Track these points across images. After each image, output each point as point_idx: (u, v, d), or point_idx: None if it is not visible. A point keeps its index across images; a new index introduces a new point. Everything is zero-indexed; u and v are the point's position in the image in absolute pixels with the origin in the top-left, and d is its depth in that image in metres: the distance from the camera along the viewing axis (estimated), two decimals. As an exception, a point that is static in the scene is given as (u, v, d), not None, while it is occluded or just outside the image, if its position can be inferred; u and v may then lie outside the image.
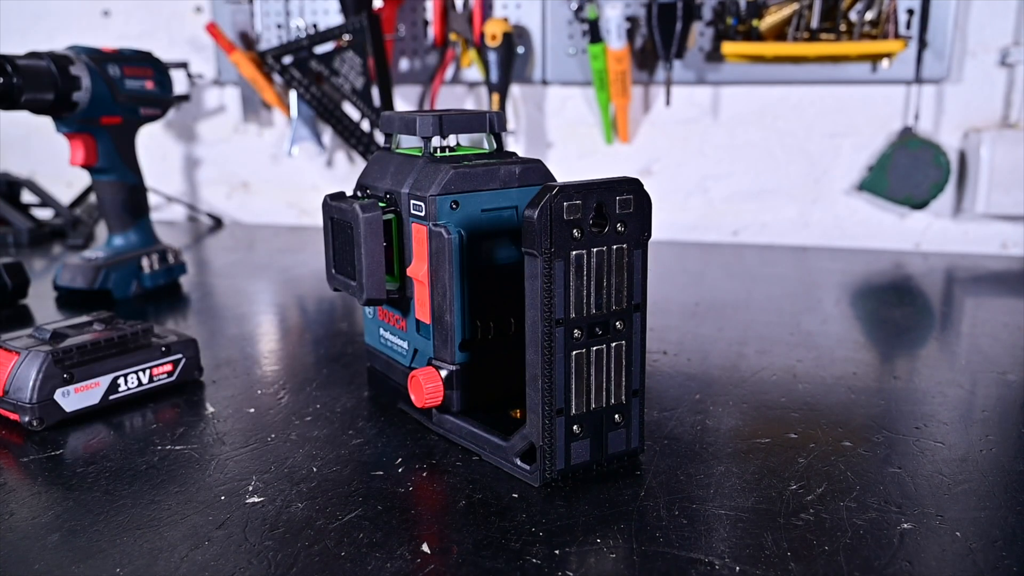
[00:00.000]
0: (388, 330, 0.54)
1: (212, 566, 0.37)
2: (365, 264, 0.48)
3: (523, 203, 0.49)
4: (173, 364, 0.59)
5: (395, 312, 0.53)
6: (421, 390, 0.48)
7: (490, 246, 0.49)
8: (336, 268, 0.52)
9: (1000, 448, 0.48)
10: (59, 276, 0.88)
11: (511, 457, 0.45)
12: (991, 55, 1.07)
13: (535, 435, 0.43)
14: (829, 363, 0.64)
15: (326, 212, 0.51)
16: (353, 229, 0.49)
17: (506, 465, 0.46)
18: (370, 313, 0.56)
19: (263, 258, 1.13)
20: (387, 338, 0.55)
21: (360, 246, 0.48)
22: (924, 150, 1.07)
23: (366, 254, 0.48)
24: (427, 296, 0.48)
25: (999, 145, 1.05)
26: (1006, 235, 1.11)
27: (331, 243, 0.52)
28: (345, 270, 0.51)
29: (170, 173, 1.44)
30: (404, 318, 0.52)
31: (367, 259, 0.48)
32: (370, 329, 0.57)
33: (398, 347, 0.53)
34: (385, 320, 0.54)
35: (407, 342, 0.52)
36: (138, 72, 0.88)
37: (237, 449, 0.50)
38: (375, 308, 0.55)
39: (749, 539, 0.39)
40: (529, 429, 0.43)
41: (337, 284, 0.52)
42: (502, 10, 1.18)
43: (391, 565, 0.37)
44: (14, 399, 0.52)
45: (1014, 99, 1.07)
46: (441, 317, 0.48)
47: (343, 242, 0.50)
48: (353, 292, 0.50)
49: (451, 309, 0.48)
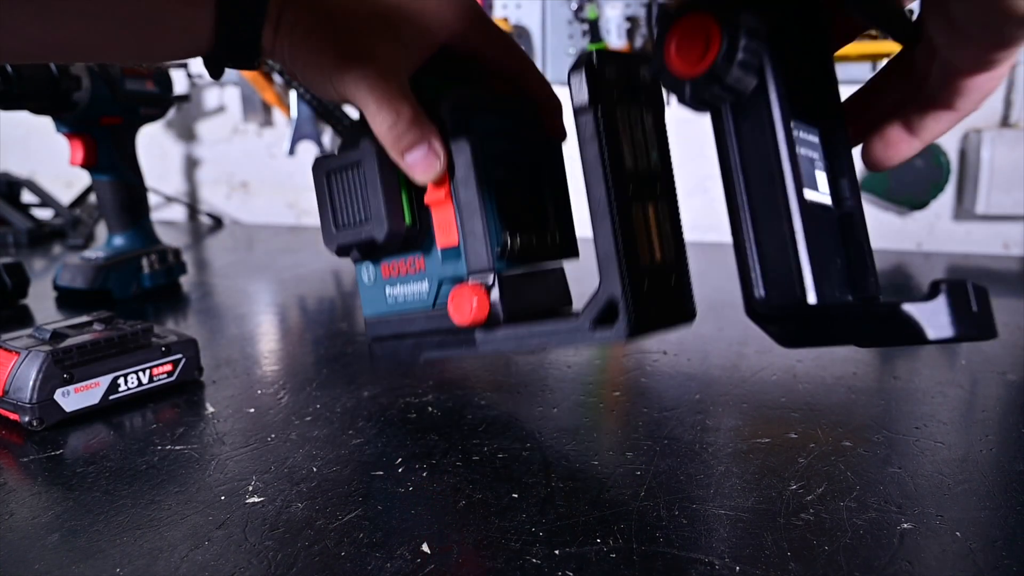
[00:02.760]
0: (399, 283, 0.53)
1: (212, 566, 0.37)
2: (383, 194, 0.47)
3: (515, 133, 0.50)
4: (173, 364, 0.59)
5: (409, 256, 0.51)
6: (467, 302, 0.47)
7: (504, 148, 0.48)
8: (339, 224, 0.50)
9: (1000, 448, 0.48)
10: (59, 276, 0.88)
11: (586, 327, 0.42)
12: (991, 55, 1.07)
13: (614, 288, 0.39)
14: (829, 363, 0.64)
15: (321, 170, 0.50)
16: (363, 165, 0.48)
17: (583, 341, 0.43)
18: (370, 279, 0.54)
19: (263, 258, 1.13)
20: (399, 293, 0.53)
21: (375, 178, 0.47)
22: (924, 150, 1.07)
23: (383, 184, 0.47)
24: (451, 215, 0.48)
25: (999, 145, 1.05)
26: (1007, 235, 1.11)
27: (329, 201, 0.50)
28: (353, 218, 0.49)
29: (170, 173, 1.44)
30: (421, 256, 0.51)
31: (384, 189, 0.47)
32: (372, 296, 0.55)
33: (415, 294, 0.52)
34: (394, 274, 0.53)
35: (427, 281, 0.51)
36: (138, 72, 0.88)
37: (237, 449, 0.50)
38: (376, 272, 0.53)
39: (749, 539, 0.39)
40: (604, 286, 0.40)
41: (343, 239, 0.50)
42: (502, 10, 1.18)
43: (391, 565, 0.37)
44: (14, 399, 0.52)
45: (1014, 99, 1.07)
46: (473, 229, 0.47)
47: (348, 190, 0.49)
48: (367, 236, 0.48)
49: (482, 215, 0.47)
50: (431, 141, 0.45)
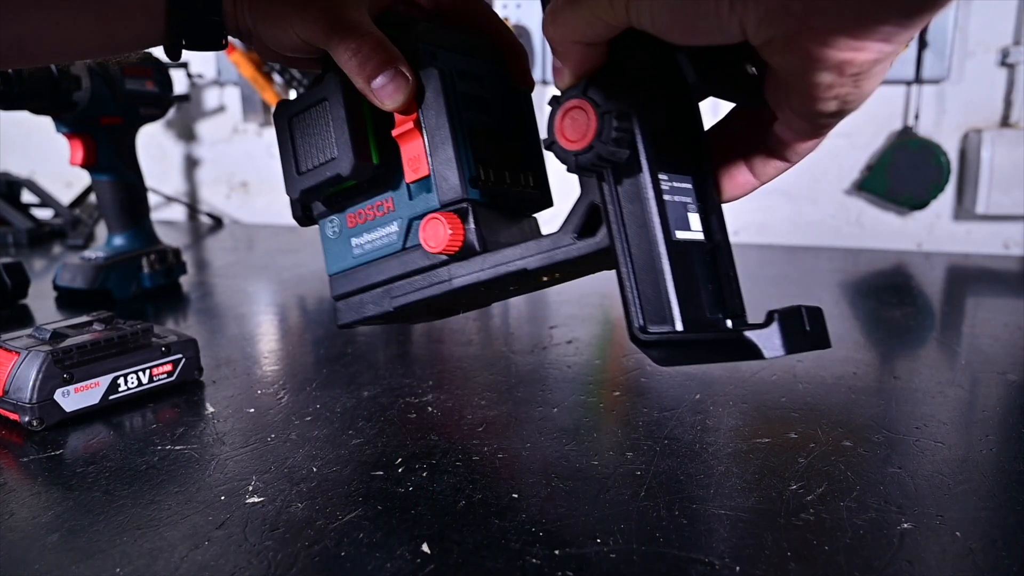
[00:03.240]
0: (367, 229, 0.51)
1: (212, 566, 0.37)
2: (348, 128, 0.46)
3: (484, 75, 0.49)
4: (173, 364, 0.59)
5: (376, 199, 0.50)
6: (440, 227, 0.45)
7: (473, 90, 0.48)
8: (302, 168, 0.49)
9: (1000, 448, 0.48)
10: (59, 276, 0.88)
11: (569, 238, 0.42)
12: (991, 55, 1.07)
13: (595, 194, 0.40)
14: (829, 363, 0.64)
15: (283, 115, 0.49)
16: (327, 100, 0.47)
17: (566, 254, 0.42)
18: (334, 232, 0.52)
19: (263, 258, 1.13)
20: (366, 240, 0.51)
21: (340, 112, 0.46)
22: (924, 150, 1.07)
23: (348, 118, 0.46)
24: (421, 146, 0.47)
25: (999, 145, 1.05)
26: (1008, 235, 1.11)
27: (292, 145, 0.49)
28: (317, 159, 0.48)
29: (170, 173, 1.44)
30: (389, 197, 0.49)
31: (349, 122, 0.46)
32: (337, 251, 0.53)
33: (384, 238, 0.50)
34: (360, 222, 0.51)
35: (397, 221, 0.49)
36: (138, 72, 0.88)
37: (237, 449, 0.50)
38: (341, 223, 0.52)
39: (749, 539, 0.39)
40: (586, 192, 0.41)
41: (306, 182, 0.49)
42: (502, 10, 1.18)
43: (391, 565, 0.37)
44: (14, 399, 0.52)
45: (1014, 99, 1.07)
46: (445, 158, 0.46)
47: (311, 130, 0.48)
48: (332, 173, 0.47)
49: (453, 141, 0.46)
50: (398, 65, 0.44)
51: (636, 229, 0.39)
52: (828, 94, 0.31)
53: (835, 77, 0.29)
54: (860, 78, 0.30)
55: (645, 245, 0.39)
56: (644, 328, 0.38)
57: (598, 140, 0.38)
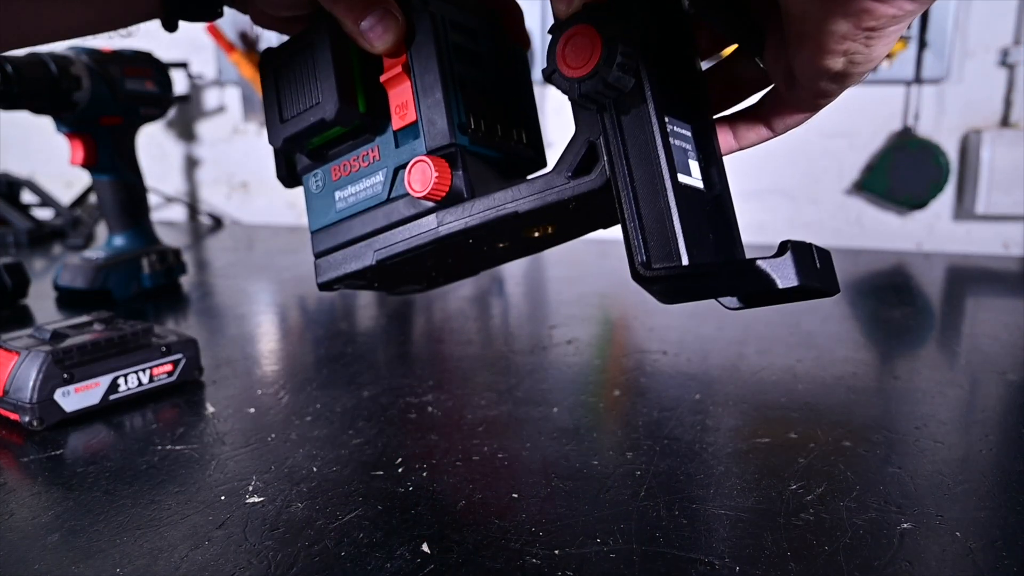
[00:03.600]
0: (351, 181, 0.49)
1: (212, 566, 0.37)
2: (334, 72, 0.45)
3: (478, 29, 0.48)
4: (173, 364, 0.59)
5: (361, 149, 0.48)
6: (426, 169, 0.44)
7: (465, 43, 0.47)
8: (285, 113, 0.48)
9: (1000, 448, 0.48)
10: (59, 276, 0.88)
11: (564, 178, 0.40)
12: (991, 55, 1.07)
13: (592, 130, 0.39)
14: (829, 363, 0.64)
15: (269, 63, 0.48)
16: (314, 45, 0.46)
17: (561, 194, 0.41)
18: (318, 186, 0.51)
19: (263, 258, 1.13)
20: (350, 193, 0.49)
21: (327, 56, 0.45)
22: (924, 150, 1.07)
23: (334, 62, 0.45)
24: (409, 92, 0.45)
25: (999, 145, 1.05)
26: (1007, 235, 1.11)
27: (276, 92, 0.48)
28: (302, 105, 0.47)
29: (170, 173, 1.44)
30: (375, 146, 0.48)
31: (336, 66, 0.45)
32: (320, 207, 0.51)
33: (368, 189, 0.49)
34: (344, 174, 0.49)
35: (383, 171, 0.48)
36: (138, 72, 0.88)
37: (237, 449, 0.50)
38: (325, 176, 0.50)
39: (749, 539, 0.39)
40: (582, 129, 0.40)
41: (290, 129, 0.48)
42: (502, 10, 1.18)
43: (391, 565, 0.37)
44: (14, 399, 0.52)
45: (1014, 99, 1.07)
46: (434, 103, 0.45)
47: (297, 76, 0.47)
48: (316, 118, 0.46)
49: (441, 84, 0.44)
50: (387, 5, 0.43)
51: (640, 162, 0.38)
52: (838, 46, 0.30)
53: (850, 27, 0.29)
54: (873, 35, 0.29)
55: (648, 179, 0.38)
56: (648, 264, 0.37)
57: (603, 65, 0.37)
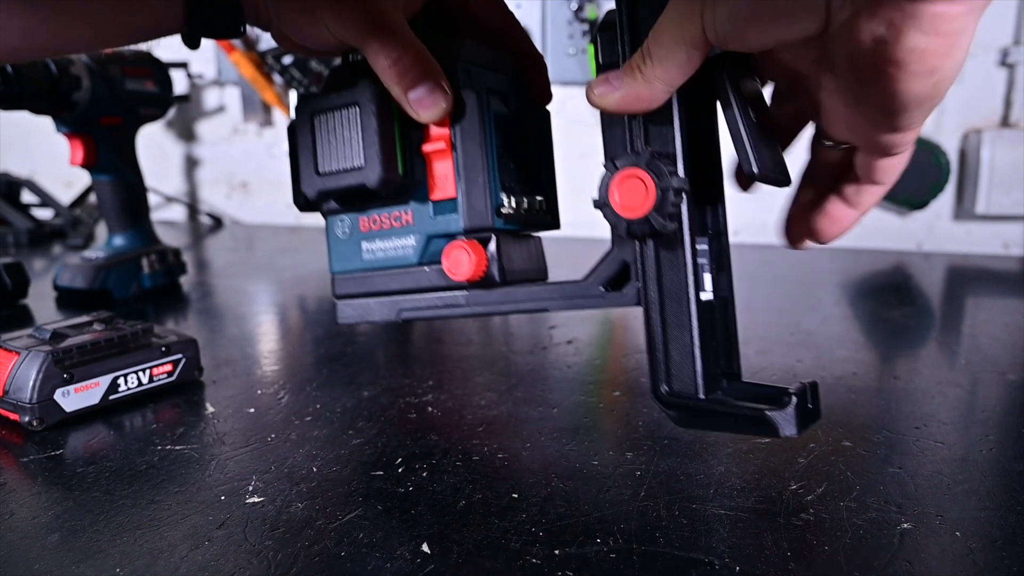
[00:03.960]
0: (381, 237, 0.50)
1: (212, 566, 0.37)
2: (379, 138, 0.45)
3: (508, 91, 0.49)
4: (173, 364, 0.59)
5: (394, 209, 0.49)
6: (464, 257, 0.45)
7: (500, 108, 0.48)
8: (323, 166, 0.48)
9: (1000, 448, 0.48)
10: (59, 276, 0.88)
11: (596, 290, 0.44)
12: (991, 55, 1.07)
13: (627, 251, 0.43)
14: (829, 363, 0.64)
15: (306, 110, 0.48)
16: (359, 106, 0.46)
17: (590, 304, 0.45)
18: (344, 232, 0.51)
19: (263, 258, 1.13)
20: (378, 248, 0.50)
21: (372, 120, 0.45)
22: (924, 150, 1.07)
23: (380, 127, 0.45)
24: (450, 166, 0.46)
25: (999, 145, 1.05)
26: (1007, 235, 1.11)
27: (313, 143, 0.48)
28: (340, 163, 0.47)
29: (170, 173, 1.44)
30: (409, 210, 0.49)
31: (381, 133, 0.46)
32: (344, 251, 0.51)
33: (399, 249, 0.49)
34: (374, 228, 0.50)
35: (415, 235, 0.49)
36: (138, 72, 0.88)
37: (237, 449, 0.50)
38: (353, 225, 0.51)
39: (749, 539, 0.39)
40: (618, 249, 0.43)
41: (326, 184, 0.48)
42: (502, 10, 1.18)
43: (391, 565, 0.37)
44: (14, 399, 0.52)
45: (1014, 99, 1.07)
46: (475, 182, 0.46)
47: (337, 132, 0.47)
48: (356, 181, 0.46)
49: (484, 168, 0.46)
50: (437, 78, 0.44)
51: (672, 293, 0.42)
52: (921, 65, 0.29)
53: (929, 39, 0.28)
54: (953, 38, 0.28)
55: (677, 309, 0.42)
56: (671, 391, 0.42)
57: (655, 213, 0.40)
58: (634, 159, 0.40)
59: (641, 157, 0.40)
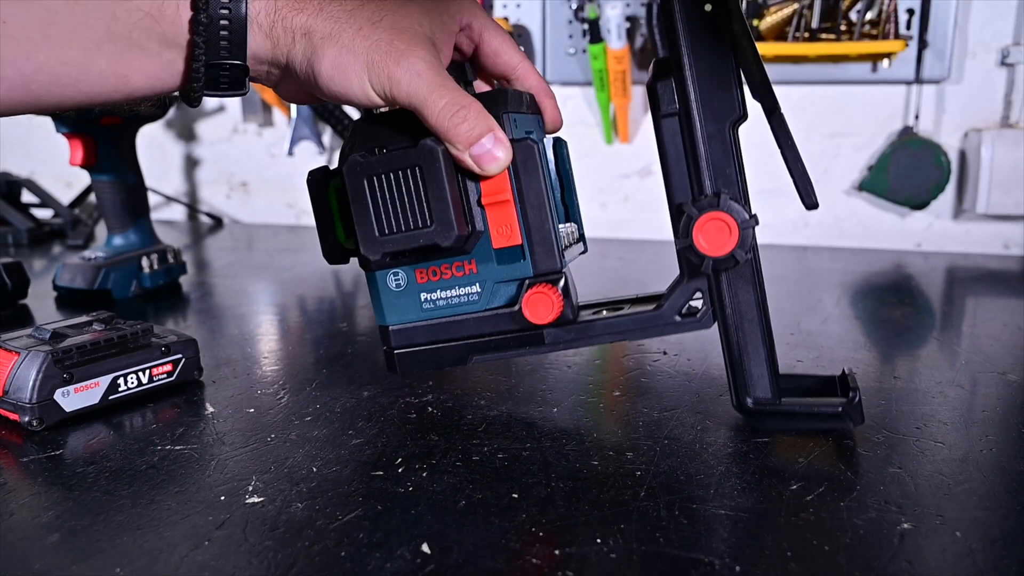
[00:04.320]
0: (441, 287, 0.50)
1: (212, 566, 0.37)
2: (451, 197, 0.46)
3: (535, 129, 0.51)
4: (173, 364, 0.59)
5: (456, 259, 0.50)
6: (546, 302, 0.48)
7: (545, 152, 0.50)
8: (390, 228, 0.47)
9: (1000, 448, 0.48)
10: (59, 276, 0.88)
11: (673, 318, 0.49)
12: (991, 55, 1.07)
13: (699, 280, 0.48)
14: (829, 363, 0.64)
15: (360, 174, 0.47)
16: (424, 166, 0.46)
17: (668, 331, 0.50)
18: (398, 285, 0.51)
19: (263, 258, 1.13)
20: (440, 297, 0.51)
21: (442, 179, 0.46)
22: (924, 150, 1.07)
23: (449, 187, 0.46)
24: (513, 215, 0.48)
25: (999, 145, 1.05)
26: (1007, 235, 1.11)
27: (372, 205, 0.47)
28: (406, 223, 0.47)
29: (170, 173, 1.44)
30: (471, 259, 0.49)
31: (451, 193, 0.46)
32: (400, 304, 0.51)
33: (463, 297, 0.50)
34: (433, 279, 0.50)
35: (479, 283, 0.50)
36: (138, 72, 0.88)
37: (237, 449, 0.50)
38: (409, 278, 0.50)
39: (749, 539, 0.39)
40: (689, 281, 0.49)
41: (392, 246, 0.48)
42: (502, 10, 1.18)
43: (391, 565, 0.37)
44: (14, 399, 0.52)
45: (1014, 99, 1.07)
46: (540, 228, 0.48)
47: (400, 193, 0.47)
48: (428, 241, 0.47)
49: (550, 217, 0.48)
50: (495, 130, 0.44)
51: (746, 313, 0.48)
52: None
53: None
54: None
55: (754, 330, 0.48)
56: (757, 402, 0.49)
57: (738, 249, 0.46)
58: (713, 202, 0.46)
59: (719, 200, 0.46)
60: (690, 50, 0.46)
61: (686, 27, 0.45)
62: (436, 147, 0.46)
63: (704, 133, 0.47)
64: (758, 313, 0.48)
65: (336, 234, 0.52)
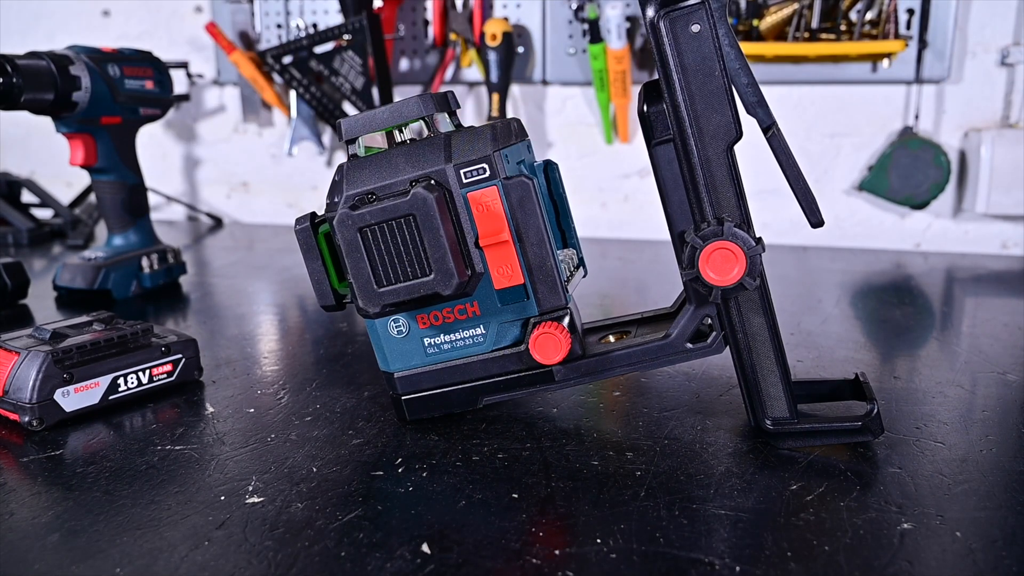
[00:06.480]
0: (444, 331, 0.50)
1: (212, 566, 0.37)
2: (448, 246, 0.45)
3: (525, 155, 0.51)
4: (173, 364, 0.59)
5: (457, 303, 0.49)
6: (554, 342, 0.47)
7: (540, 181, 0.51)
8: (387, 279, 0.47)
9: (1000, 448, 0.48)
10: (59, 276, 0.88)
11: (683, 345, 0.49)
12: (991, 55, 1.07)
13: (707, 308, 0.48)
14: (829, 363, 0.64)
15: (351, 226, 0.46)
16: (420, 216, 0.45)
17: (678, 359, 0.49)
18: (400, 332, 0.50)
19: (263, 258, 1.13)
20: (444, 341, 0.50)
21: (437, 228, 0.45)
22: (924, 150, 1.07)
23: (446, 235, 0.45)
24: (513, 255, 0.47)
25: (999, 145, 1.05)
26: (1006, 235, 1.11)
27: (367, 257, 0.47)
28: (404, 273, 0.46)
29: (170, 173, 1.44)
30: (473, 301, 0.49)
31: (448, 240, 0.45)
32: (403, 350, 0.51)
33: (468, 339, 0.50)
34: (435, 323, 0.50)
35: (482, 325, 0.49)
36: (138, 72, 0.88)
37: (237, 449, 0.50)
38: (410, 324, 0.50)
39: (749, 539, 0.39)
40: (697, 308, 0.48)
41: (392, 297, 0.47)
42: (502, 10, 1.18)
43: (391, 565, 0.37)
44: (14, 399, 0.52)
45: (1014, 99, 1.07)
46: (542, 265, 0.47)
47: (395, 243, 0.46)
48: (428, 290, 0.46)
49: (551, 253, 0.47)
50: None
51: (757, 336, 0.47)
52: None
53: None
54: None
55: (767, 351, 0.47)
56: (776, 422, 0.48)
57: (747, 277, 0.45)
58: (717, 231, 0.45)
59: (723, 229, 0.45)
60: (680, 72, 0.44)
61: (675, 48, 0.44)
62: (428, 195, 0.45)
63: (701, 158, 0.45)
64: (770, 334, 0.47)
65: (331, 281, 0.50)
